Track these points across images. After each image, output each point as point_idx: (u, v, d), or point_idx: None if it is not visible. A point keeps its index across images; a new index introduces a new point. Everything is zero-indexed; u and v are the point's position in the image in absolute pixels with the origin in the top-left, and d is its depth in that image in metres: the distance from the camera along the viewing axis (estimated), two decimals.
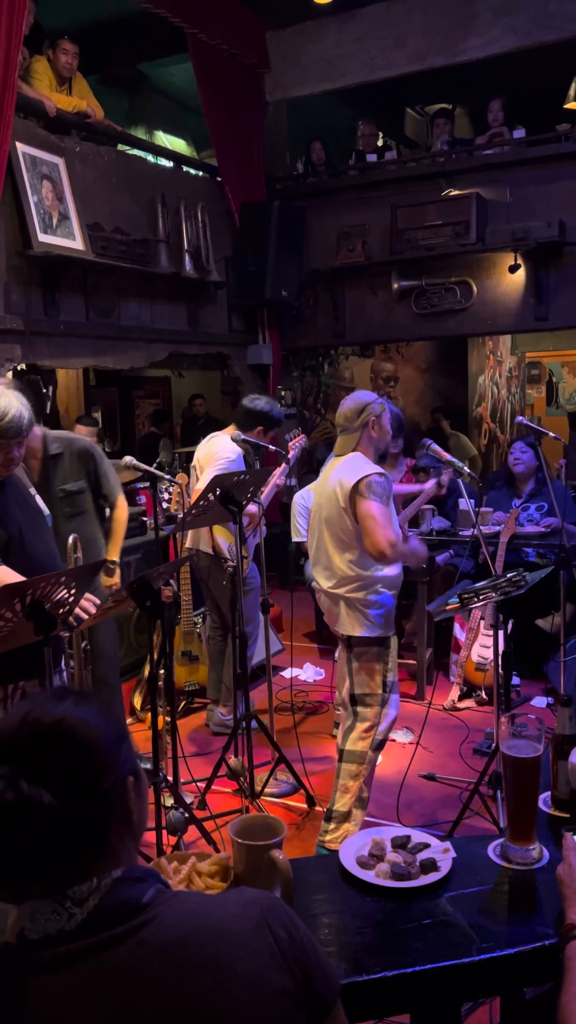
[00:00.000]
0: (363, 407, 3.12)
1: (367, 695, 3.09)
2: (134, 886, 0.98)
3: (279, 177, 7.10)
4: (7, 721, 1.02)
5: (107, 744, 1.03)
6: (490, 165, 6.32)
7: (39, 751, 0.98)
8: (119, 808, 1.03)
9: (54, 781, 0.97)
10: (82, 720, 1.02)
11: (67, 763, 0.99)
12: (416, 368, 9.19)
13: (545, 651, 4.68)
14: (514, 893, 1.51)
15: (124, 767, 1.04)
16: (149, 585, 2.72)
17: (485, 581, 2.85)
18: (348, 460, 3.07)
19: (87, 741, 1.01)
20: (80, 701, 1.05)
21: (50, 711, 1.02)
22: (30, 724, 1.00)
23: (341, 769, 3.11)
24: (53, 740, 0.99)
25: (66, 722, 1.01)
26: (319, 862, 1.76)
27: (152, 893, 0.99)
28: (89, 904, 0.95)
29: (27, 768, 0.97)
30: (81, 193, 5.18)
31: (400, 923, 1.42)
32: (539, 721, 1.61)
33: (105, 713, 1.07)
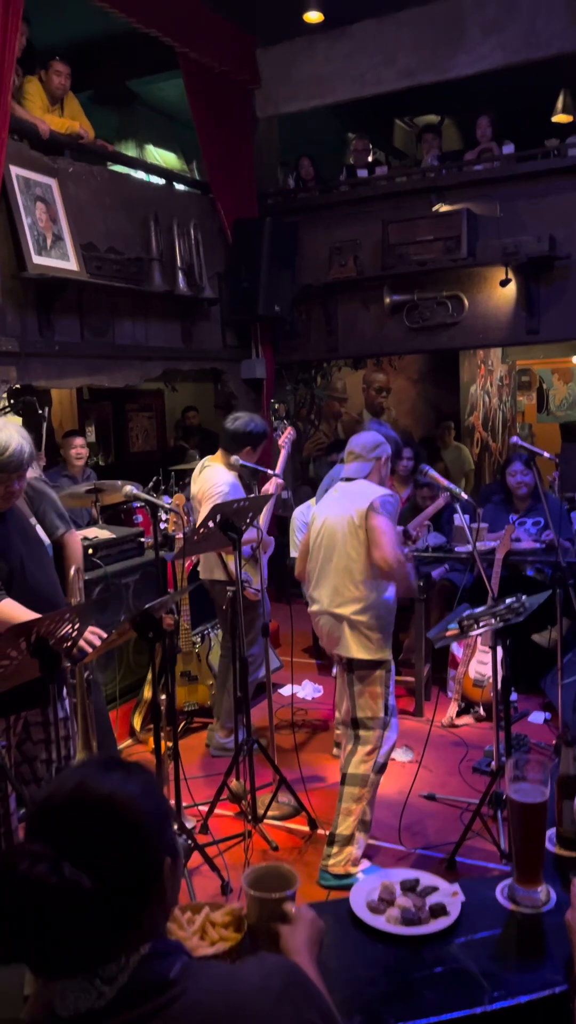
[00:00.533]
0: (380, 443, 3.29)
1: (369, 718, 3.13)
2: (161, 962, 1.00)
3: (270, 193, 7.13)
4: (56, 790, 1.02)
5: (152, 825, 1.04)
6: (480, 181, 6.36)
7: (86, 829, 0.99)
8: (156, 890, 1.04)
9: (97, 862, 0.97)
10: (131, 799, 1.02)
11: (112, 844, 0.99)
12: (408, 379, 9.23)
13: (541, 666, 4.71)
14: (523, 938, 1.54)
15: (165, 849, 1.05)
16: (152, 617, 2.74)
17: (485, 608, 2.88)
18: (359, 487, 3.18)
19: (134, 822, 1.01)
20: (129, 776, 1.05)
21: (100, 785, 1.02)
22: (79, 797, 1.01)
23: (344, 792, 3.14)
24: (101, 818, 1.00)
25: (115, 799, 1.01)
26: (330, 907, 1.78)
27: (179, 968, 1.00)
28: (119, 982, 0.97)
29: (72, 846, 0.97)
30: (74, 213, 5.19)
31: (413, 971, 1.45)
32: (544, 765, 1.64)
33: (152, 789, 1.07)
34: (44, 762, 3.18)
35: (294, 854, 3.40)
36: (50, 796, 1.02)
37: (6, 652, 2.29)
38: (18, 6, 4.53)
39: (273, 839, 3.43)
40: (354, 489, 3.20)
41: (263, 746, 3.60)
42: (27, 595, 2.82)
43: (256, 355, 6.94)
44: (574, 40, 5.80)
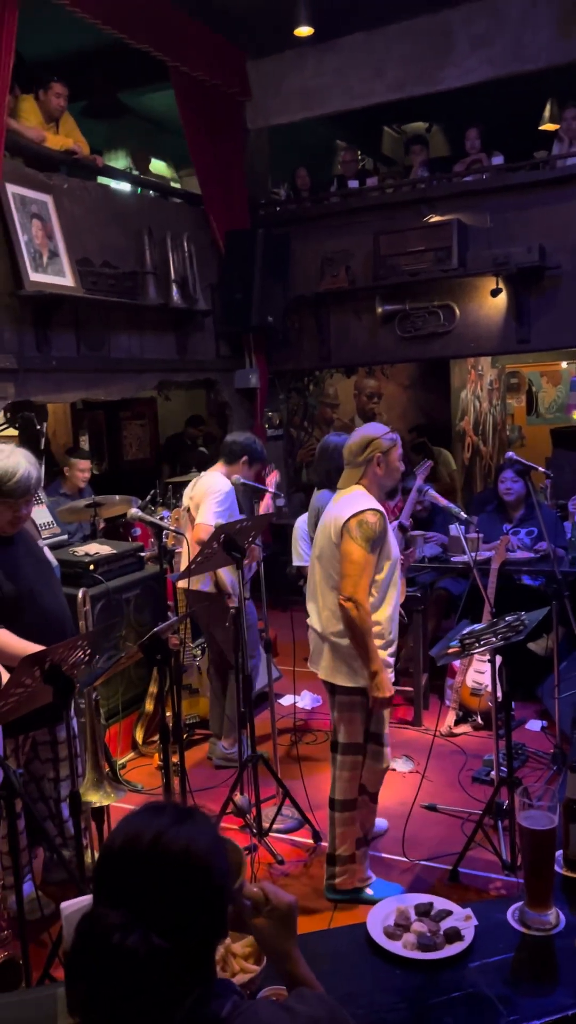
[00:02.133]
0: (368, 442, 3.01)
1: (348, 744, 3.07)
2: (214, 1001, 1.05)
3: (262, 204, 7.19)
4: (131, 842, 1.04)
5: (220, 879, 1.07)
6: (470, 192, 6.43)
7: (166, 888, 1.02)
8: (222, 939, 1.10)
9: (177, 923, 1.01)
10: (206, 855, 1.05)
11: (191, 904, 1.03)
12: (399, 384, 9.29)
13: (537, 674, 4.78)
14: (534, 961, 1.60)
15: (228, 898, 1.10)
16: (160, 640, 2.79)
17: (485, 625, 2.94)
18: (347, 496, 3.01)
19: (208, 880, 1.05)
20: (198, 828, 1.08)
21: (176, 840, 1.04)
22: (158, 855, 1.03)
23: (335, 817, 3.13)
24: (180, 877, 1.03)
25: (191, 855, 1.04)
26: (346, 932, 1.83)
27: (229, 1008, 1.05)
28: (175, 1021, 1.02)
29: (152, 906, 1.01)
30: (69, 229, 5.23)
31: (430, 997, 1.51)
32: (553, 793, 1.70)
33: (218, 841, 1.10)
34: (51, 780, 3.23)
35: (299, 867, 3.46)
36: (126, 850, 1.05)
37: (21, 681, 2.33)
38: (12, 28, 4.57)
39: (279, 852, 3.49)
40: (342, 500, 3.02)
41: (267, 760, 3.65)
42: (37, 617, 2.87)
43: (250, 365, 7.00)
44: (561, 53, 5.88)
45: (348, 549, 2.89)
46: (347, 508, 2.95)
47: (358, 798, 3.12)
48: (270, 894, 1.28)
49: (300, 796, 3.71)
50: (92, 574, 4.30)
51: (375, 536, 2.91)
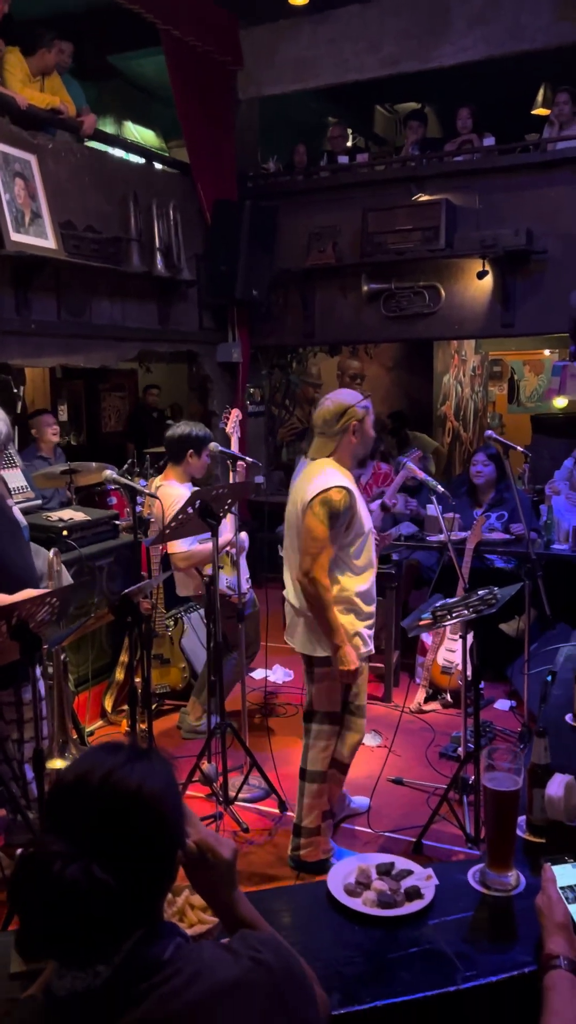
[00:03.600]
0: (344, 409, 2.93)
1: (325, 713, 3.06)
2: (156, 944, 1.03)
3: (250, 175, 7.10)
4: (82, 778, 1.02)
5: (173, 820, 1.06)
6: (460, 172, 6.40)
7: (114, 825, 1.00)
8: (169, 881, 1.07)
9: (124, 860, 0.99)
10: (158, 794, 1.04)
11: (139, 842, 1.01)
12: (383, 366, 9.28)
13: (508, 655, 4.81)
14: (494, 920, 1.60)
15: (180, 841, 1.08)
16: (131, 602, 2.76)
17: (457, 599, 2.94)
18: (315, 467, 2.94)
19: (159, 819, 1.03)
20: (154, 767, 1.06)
21: (129, 778, 1.03)
22: (108, 792, 1.01)
23: (304, 788, 3.12)
24: (129, 815, 1.01)
25: (143, 794, 1.02)
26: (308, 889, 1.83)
27: (172, 949, 1.04)
28: (113, 963, 1.00)
29: (100, 842, 0.99)
30: (53, 191, 5.14)
31: (388, 952, 1.50)
32: (515, 755, 1.69)
33: (173, 782, 1.08)
34: (15, 742, 3.19)
35: (264, 835, 3.46)
36: (77, 785, 1.03)
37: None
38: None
39: (244, 820, 3.49)
40: (311, 472, 2.95)
41: (235, 729, 3.64)
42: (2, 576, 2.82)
43: (232, 338, 6.94)
44: (557, 35, 5.84)
45: (310, 525, 2.86)
46: (315, 484, 2.90)
47: (328, 771, 3.11)
48: (208, 852, 1.25)
49: (268, 767, 3.71)
50: (65, 540, 4.25)
51: (339, 512, 2.86)
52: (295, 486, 3.09)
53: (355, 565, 2.99)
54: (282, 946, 1.14)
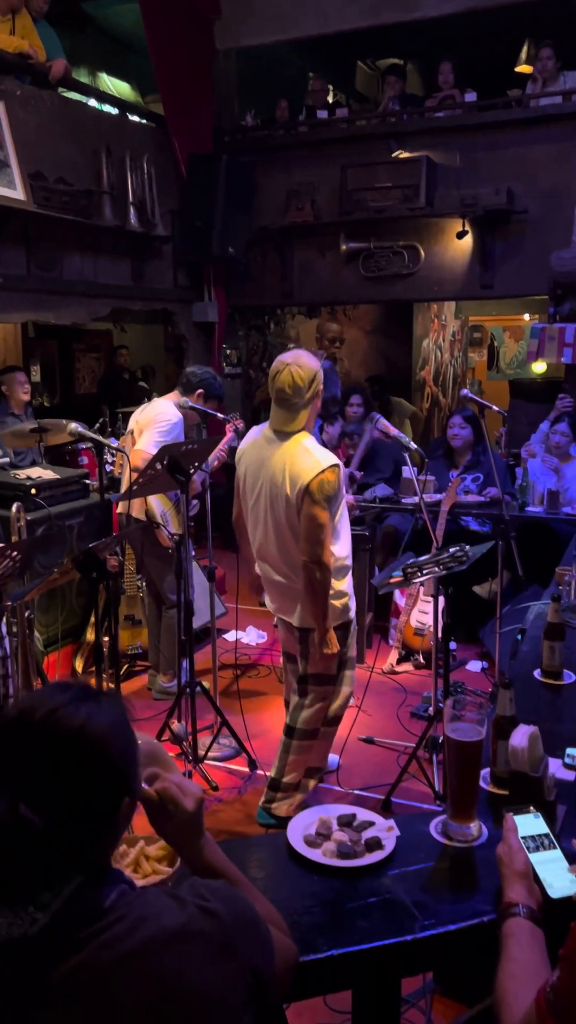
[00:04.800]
0: (313, 375, 2.80)
1: (324, 676, 3.05)
2: (98, 890, 0.99)
3: (228, 129, 6.93)
4: (25, 714, 0.99)
5: (118, 764, 1.02)
6: (441, 128, 6.28)
7: (50, 763, 0.97)
8: (109, 828, 1.03)
9: (56, 799, 0.96)
10: (102, 734, 1.00)
11: (74, 782, 0.97)
12: (361, 330, 9.18)
13: (480, 616, 4.80)
14: (455, 870, 1.58)
15: (127, 788, 1.03)
16: (95, 557, 2.70)
17: (429, 556, 2.90)
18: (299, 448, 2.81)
19: (100, 760, 0.99)
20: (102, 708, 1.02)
21: (73, 716, 0.99)
22: (49, 728, 0.98)
23: (291, 745, 3.10)
24: (67, 754, 0.97)
25: (86, 733, 0.98)
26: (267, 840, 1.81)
27: (114, 896, 1.00)
28: (52, 908, 0.96)
29: (32, 780, 0.96)
30: (22, 139, 4.98)
31: (346, 901, 1.48)
32: (480, 706, 1.67)
33: (123, 724, 1.04)
34: None
35: (233, 793, 3.45)
36: (18, 720, 0.99)
37: None
38: None
39: (213, 779, 3.47)
40: (291, 451, 2.80)
41: (205, 688, 3.61)
42: None
43: (208, 298, 6.82)
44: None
45: (313, 513, 2.77)
46: (305, 467, 2.77)
47: (320, 728, 3.11)
48: (169, 802, 1.21)
49: (238, 726, 3.68)
50: (34, 498, 4.17)
51: (336, 492, 2.83)
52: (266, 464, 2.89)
53: (339, 530, 2.97)
54: (234, 895, 1.11)
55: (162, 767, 1.26)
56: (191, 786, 1.22)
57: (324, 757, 3.20)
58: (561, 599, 2.43)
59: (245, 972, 1.03)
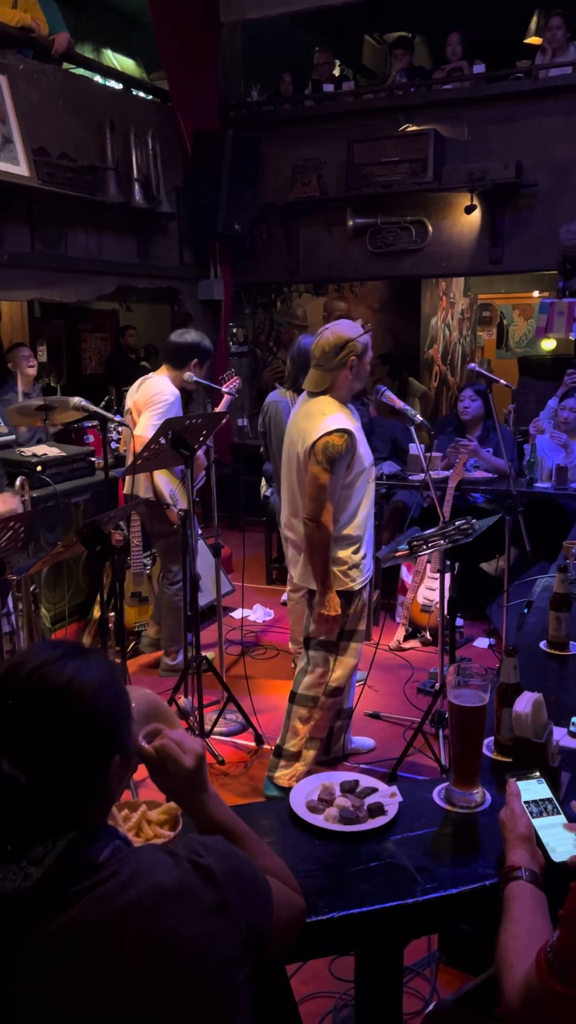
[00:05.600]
0: (344, 343, 2.88)
1: (322, 641, 3.07)
2: (92, 846, 0.99)
3: (233, 104, 6.86)
4: (14, 671, 0.99)
5: (106, 720, 1.01)
6: (449, 101, 6.20)
7: (36, 719, 0.97)
8: (98, 786, 1.02)
9: (41, 755, 0.96)
10: (89, 690, 0.99)
11: (60, 738, 0.97)
12: (369, 308, 9.10)
13: (488, 593, 4.79)
14: (457, 836, 1.57)
15: (117, 746, 1.03)
16: (99, 530, 2.69)
17: (434, 529, 2.88)
18: (315, 406, 2.92)
19: (88, 716, 0.99)
20: (90, 665, 1.01)
21: (60, 673, 0.98)
22: (35, 683, 0.97)
23: (292, 711, 3.13)
24: (54, 709, 0.97)
25: (72, 689, 0.98)
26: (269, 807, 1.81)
27: (108, 852, 0.99)
28: (45, 863, 0.96)
29: (18, 735, 0.96)
30: (25, 114, 4.93)
31: (348, 866, 1.47)
32: (485, 671, 1.65)
33: (113, 681, 1.03)
34: None
35: (240, 767, 3.46)
36: (6, 676, 0.99)
37: None
38: None
39: (220, 753, 3.48)
40: (311, 410, 2.93)
41: (211, 662, 3.61)
42: None
43: (215, 275, 6.78)
44: None
45: (314, 472, 2.86)
46: (317, 426, 2.87)
47: (320, 697, 3.12)
48: (168, 759, 1.20)
49: (245, 702, 3.68)
50: (40, 475, 4.17)
51: (340, 456, 2.86)
52: (293, 420, 3.08)
53: (356, 501, 3.00)
54: (230, 851, 1.10)
55: (164, 723, 1.25)
56: (191, 742, 1.21)
57: (324, 728, 3.20)
58: (568, 571, 2.42)
59: (240, 928, 1.02)
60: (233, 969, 1.01)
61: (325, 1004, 2.20)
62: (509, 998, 1.18)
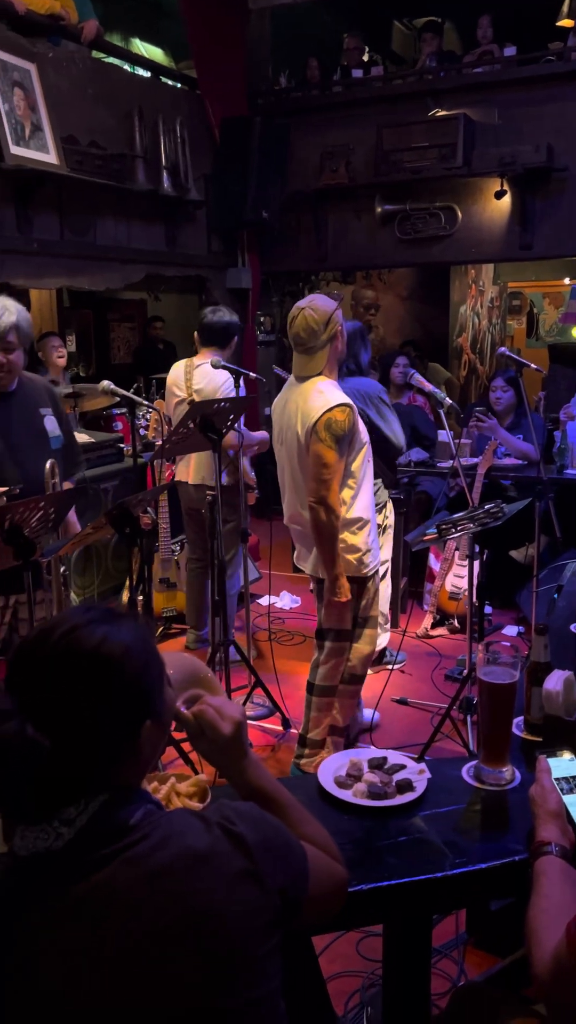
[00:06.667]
0: (329, 317, 2.78)
1: (335, 630, 3.05)
2: (124, 808, 0.99)
3: (261, 92, 6.83)
4: (46, 635, 0.99)
5: (137, 685, 1.00)
6: (479, 84, 6.12)
7: (64, 683, 0.96)
8: (128, 751, 1.02)
9: (69, 719, 0.96)
10: (119, 655, 0.98)
11: (89, 703, 0.97)
12: (397, 296, 9.06)
13: (517, 581, 4.75)
14: (486, 812, 1.57)
15: (148, 711, 1.02)
16: (128, 512, 2.70)
17: (463, 512, 2.87)
18: (313, 388, 2.81)
19: (118, 680, 0.98)
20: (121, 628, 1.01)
21: (91, 636, 0.98)
22: (65, 647, 0.97)
23: (312, 702, 3.12)
24: (82, 674, 0.97)
25: (102, 652, 0.98)
26: (297, 782, 1.81)
27: (140, 815, 1.00)
28: (77, 824, 0.96)
29: (46, 699, 0.96)
30: (54, 103, 4.95)
31: (377, 840, 1.47)
32: (515, 648, 1.64)
33: (145, 646, 1.02)
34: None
35: (267, 751, 3.47)
36: (37, 640, 0.99)
37: None
38: None
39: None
40: (305, 393, 2.81)
41: (238, 646, 3.62)
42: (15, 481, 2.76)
43: (242, 263, 6.77)
44: None
45: (319, 452, 2.76)
46: (315, 406, 2.78)
47: (338, 685, 3.11)
48: (207, 727, 1.21)
49: (272, 687, 3.69)
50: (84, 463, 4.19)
51: (344, 433, 2.78)
52: (286, 408, 2.95)
53: (359, 479, 2.94)
54: (262, 817, 1.09)
55: (206, 688, 1.26)
56: (231, 709, 1.21)
57: (347, 716, 3.19)
58: None
59: (271, 895, 1.02)
60: (263, 935, 1.01)
61: (352, 983, 2.21)
62: (539, 971, 1.18)
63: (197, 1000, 0.93)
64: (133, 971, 0.92)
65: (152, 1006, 0.92)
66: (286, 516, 3.14)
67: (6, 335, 2.58)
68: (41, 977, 0.93)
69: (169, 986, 0.92)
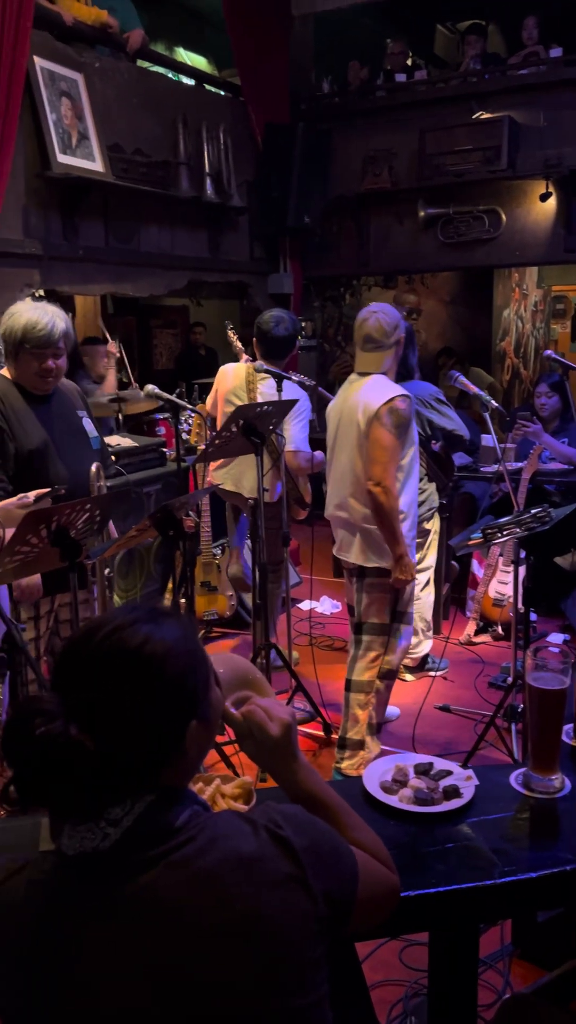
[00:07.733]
0: (397, 323, 3.06)
1: (373, 624, 3.10)
2: (170, 809, 0.98)
3: (304, 97, 6.85)
4: (90, 634, 0.99)
5: (181, 685, 0.99)
6: (524, 86, 6.06)
7: (109, 684, 0.96)
8: (174, 751, 1.01)
9: (113, 721, 0.95)
10: (163, 655, 0.97)
11: (132, 702, 0.96)
12: (440, 300, 9.00)
13: (562, 588, 4.68)
14: (536, 820, 1.53)
15: (194, 711, 1.01)
16: (172, 515, 2.72)
17: (509, 517, 2.83)
18: (373, 381, 3.01)
19: (161, 681, 0.97)
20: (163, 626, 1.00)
21: (134, 634, 0.98)
22: (109, 648, 0.97)
23: (350, 699, 3.15)
24: (127, 675, 0.96)
25: (145, 652, 0.97)
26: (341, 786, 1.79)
27: (186, 816, 0.99)
28: (123, 825, 0.96)
29: (91, 700, 0.95)
30: (100, 111, 5.02)
31: (423, 846, 1.45)
32: (564, 654, 1.61)
33: (189, 645, 1.02)
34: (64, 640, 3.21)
35: (308, 756, 3.44)
36: (81, 639, 0.99)
37: (27, 539, 2.28)
38: None
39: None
40: (368, 386, 3.01)
41: (279, 650, 3.61)
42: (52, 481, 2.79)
43: (284, 269, 6.78)
44: None
45: (378, 435, 2.92)
46: (376, 395, 2.96)
47: (376, 681, 3.12)
48: (255, 728, 1.20)
49: (314, 693, 3.68)
50: (113, 465, 4.23)
51: (406, 421, 2.96)
52: (347, 401, 3.09)
53: (406, 474, 3.03)
54: (310, 821, 1.07)
55: (255, 690, 1.25)
56: (280, 711, 1.20)
57: (381, 713, 3.20)
58: None
59: (317, 901, 1.00)
60: (309, 942, 0.99)
61: (395, 992, 2.18)
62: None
63: (240, 1006, 0.92)
64: (176, 976, 0.91)
65: (194, 1011, 0.91)
66: (331, 506, 3.21)
67: (57, 342, 2.65)
68: (84, 977, 0.92)
69: (212, 991, 0.91)
